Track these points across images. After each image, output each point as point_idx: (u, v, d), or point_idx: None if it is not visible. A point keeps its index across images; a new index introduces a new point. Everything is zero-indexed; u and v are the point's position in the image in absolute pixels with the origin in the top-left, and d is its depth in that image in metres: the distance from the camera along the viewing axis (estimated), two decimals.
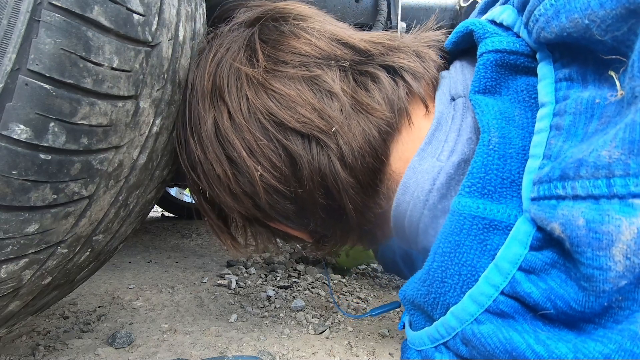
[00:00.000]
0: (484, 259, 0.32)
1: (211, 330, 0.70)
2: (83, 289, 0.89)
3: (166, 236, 1.65)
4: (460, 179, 0.37)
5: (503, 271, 0.31)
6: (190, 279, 1.03)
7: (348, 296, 0.94)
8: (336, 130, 0.42)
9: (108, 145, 0.39)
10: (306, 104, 0.43)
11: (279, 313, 0.81)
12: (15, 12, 0.31)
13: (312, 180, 0.43)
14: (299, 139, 0.43)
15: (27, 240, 0.37)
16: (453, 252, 0.33)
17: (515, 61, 0.36)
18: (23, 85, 0.32)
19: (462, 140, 0.38)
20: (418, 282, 0.37)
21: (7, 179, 0.33)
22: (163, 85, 0.45)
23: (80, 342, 0.64)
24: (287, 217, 0.49)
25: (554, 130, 0.31)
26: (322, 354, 0.64)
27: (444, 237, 0.34)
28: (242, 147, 0.45)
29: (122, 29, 0.37)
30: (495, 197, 0.33)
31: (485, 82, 0.37)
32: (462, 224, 0.33)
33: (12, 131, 0.32)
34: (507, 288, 0.31)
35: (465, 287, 0.33)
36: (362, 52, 0.45)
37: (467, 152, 0.38)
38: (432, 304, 0.36)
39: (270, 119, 0.43)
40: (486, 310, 0.32)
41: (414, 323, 0.40)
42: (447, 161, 0.38)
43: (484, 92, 0.37)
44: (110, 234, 0.49)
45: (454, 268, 0.33)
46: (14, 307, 0.43)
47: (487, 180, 0.33)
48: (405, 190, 0.40)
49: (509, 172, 0.33)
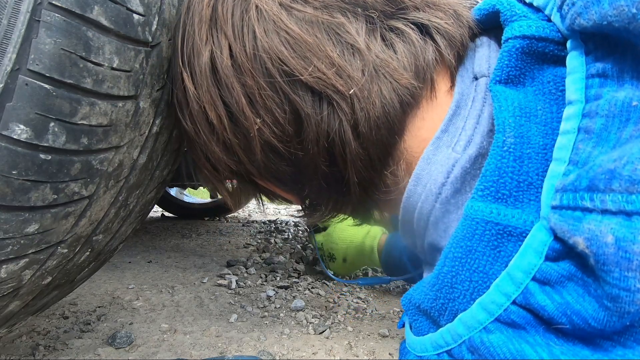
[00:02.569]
0: (496, 265, 0.30)
1: (211, 330, 0.70)
2: (83, 289, 0.89)
3: (166, 236, 1.65)
4: (477, 173, 0.35)
5: (516, 280, 0.29)
6: (190, 279, 1.03)
7: (348, 296, 0.94)
8: (354, 92, 0.37)
9: (108, 145, 0.39)
10: (324, 57, 0.37)
11: (279, 313, 0.81)
12: (15, 12, 0.31)
13: (317, 144, 0.39)
14: (309, 96, 0.38)
15: (27, 240, 0.37)
16: (464, 258, 0.32)
17: (543, 49, 0.33)
18: (23, 85, 0.32)
19: (480, 130, 0.35)
20: (426, 286, 0.36)
21: (7, 179, 0.33)
22: (163, 85, 0.45)
23: (80, 342, 0.64)
24: (281, 179, 0.44)
25: (583, 133, 0.28)
26: (322, 354, 0.64)
27: (456, 242, 0.32)
28: (242, 94, 0.39)
29: (122, 29, 0.37)
30: (510, 202, 0.30)
31: (509, 72, 0.33)
32: (474, 229, 0.31)
33: (12, 131, 0.32)
34: (520, 298, 0.29)
35: (476, 294, 0.31)
36: (394, 1, 0.39)
37: (487, 145, 0.35)
38: (440, 310, 0.34)
39: (279, 67, 0.37)
40: (496, 319, 0.30)
41: (416, 328, 0.38)
42: (464, 153, 0.35)
43: (506, 82, 0.34)
44: (110, 234, 0.49)
45: (464, 274, 0.32)
46: (14, 307, 0.43)
47: (501, 183, 0.31)
48: (418, 182, 0.37)
49: (525, 174, 0.30)
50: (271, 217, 2.63)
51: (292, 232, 1.89)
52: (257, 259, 1.25)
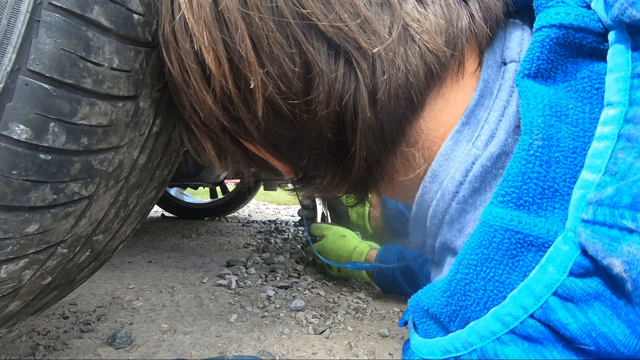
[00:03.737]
0: (513, 275, 0.28)
1: (211, 330, 0.70)
2: (83, 289, 0.89)
3: (166, 236, 1.65)
4: (498, 173, 0.32)
5: (535, 294, 0.27)
6: (190, 279, 1.03)
7: (348, 296, 0.94)
8: (378, 52, 0.32)
9: (108, 146, 0.39)
10: (349, 4, 0.32)
11: (279, 313, 0.81)
12: (15, 12, 0.31)
13: (327, 107, 0.34)
14: (325, 48, 0.33)
15: (27, 240, 0.37)
16: (479, 266, 0.30)
17: (580, 40, 0.29)
18: (23, 85, 0.32)
19: (505, 125, 0.32)
20: (437, 291, 0.34)
21: (7, 179, 0.33)
22: (163, 85, 0.45)
23: (80, 342, 0.64)
24: (276, 145, 0.38)
25: (624, 140, 0.25)
26: (322, 354, 0.64)
27: (471, 249, 0.30)
28: (246, 34, 0.33)
29: (122, 29, 0.37)
30: (532, 209, 0.28)
31: (539, 65, 0.30)
32: (492, 237, 0.29)
33: (12, 131, 0.32)
34: (538, 312, 0.27)
35: (490, 303, 0.30)
36: None
37: (512, 143, 0.31)
38: (450, 316, 0.33)
39: (294, 9, 0.32)
40: (511, 331, 0.28)
41: (423, 330, 0.37)
42: (485, 150, 0.32)
43: (535, 76, 0.30)
44: (110, 234, 0.49)
45: (478, 282, 0.30)
46: (14, 307, 0.43)
47: (524, 190, 0.28)
48: (434, 179, 0.35)
49: (552, 180, 0.28)
50: (271, 217, 2.63)
51: (292, 232, 1.89)
52: (257, 259, 1.25)
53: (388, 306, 0.90)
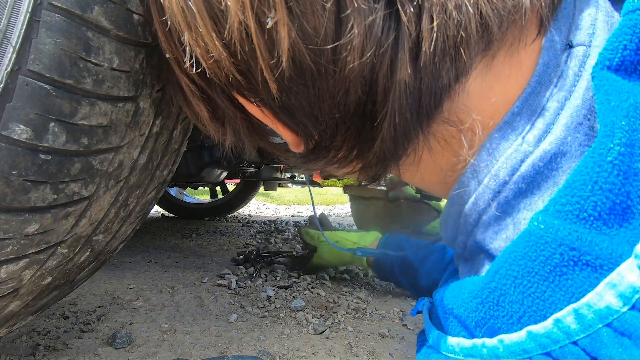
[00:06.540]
0: (558, 294, 0.25)
1: (211, 330, 0.70)
2: (83, 289, 0.89)
3: (166, 236, 1.65)
4: (550, 175, 0.28)
5: (584, 321, 0.24)
6: (190, 279, 1.03)
7: (348, 296, 0.94)
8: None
9: (108, 146, 0.39)
10: None
11: (279, 313, 0.81)
12: (15, 12, 0.31)
13: (360, 57, 0.27)
14: None
15: (27, 240, 0.37)
16: (519, 279, 0.26)
17: None
18: (23, 85, 0.32)
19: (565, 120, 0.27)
20: (466, 294, 0.31)
21: (7, 179, 0.33)
22: (163, 86, 0.45)
23: (80, 342, 0.64)
24: (289, 108, 0.32)
25: None
26: (322, 354, 0.64)
27: (512, 258, 0.27)
28: None
29: (122, 29, 0.37)
30: (596, 225, 0.24)
31: (625, 55, 0.25)
32: (540, 249, 0.25)
33: (12, 131, 0.32)
34: (585, 341, 0.24)
35: (525, 319, 0.27)
36: None
37: (572, 143, 0.27)
38: (478, 322, 0.30)
39: None
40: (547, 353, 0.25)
41: (445, 325, 0.34)
42: (537, 147, 0.28)
43: (618, 69, 0.25)
44: (110, 234, 0.49)
45: (516, 295, 0.27)
46: (14, 307, 0.43)
47: (591, 202, 0.24)
48: (474, 174, 0.31)
49: (626, 194, 0.24)
50: (271, 217, 2.63)
51: (292, 232, 1.89)
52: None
53: (388, 306, 0.90)
